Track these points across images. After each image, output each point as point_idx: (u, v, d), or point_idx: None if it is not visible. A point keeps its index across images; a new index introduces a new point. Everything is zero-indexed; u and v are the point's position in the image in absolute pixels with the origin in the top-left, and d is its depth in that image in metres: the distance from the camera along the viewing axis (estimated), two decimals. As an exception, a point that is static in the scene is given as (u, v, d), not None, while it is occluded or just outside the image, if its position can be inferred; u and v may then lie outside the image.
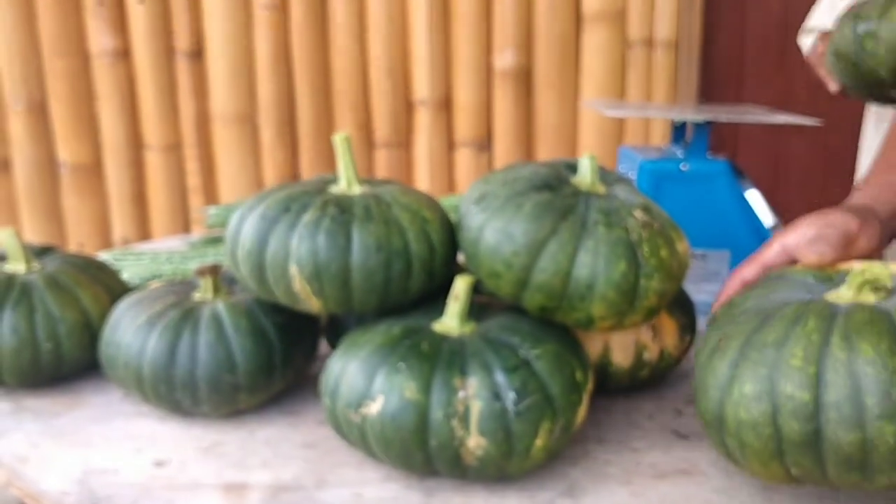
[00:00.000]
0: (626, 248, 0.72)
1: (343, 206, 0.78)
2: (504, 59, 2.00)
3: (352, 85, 2.04)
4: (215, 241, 1.41)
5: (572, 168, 0.82)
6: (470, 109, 2.04)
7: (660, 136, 2.01)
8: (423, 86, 2.03)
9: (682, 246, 0.78)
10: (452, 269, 0.83)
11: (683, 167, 1.08)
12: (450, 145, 2.08)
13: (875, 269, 0.65)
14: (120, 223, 2.13)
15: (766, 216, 1.09)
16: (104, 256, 1.18)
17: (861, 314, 0.62)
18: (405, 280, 0.78)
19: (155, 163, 2.11)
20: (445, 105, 2.05)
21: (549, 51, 1.98)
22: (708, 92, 2.10)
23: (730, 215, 1.09)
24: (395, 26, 2.01)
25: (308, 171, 2.10)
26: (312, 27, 2.02)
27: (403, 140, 2.09)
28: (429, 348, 0.71)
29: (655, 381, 0.91)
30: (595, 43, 1.98)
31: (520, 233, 0.72)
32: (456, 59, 2.02)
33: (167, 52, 2.05)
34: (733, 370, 0.64)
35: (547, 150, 2.04)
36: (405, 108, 2.07)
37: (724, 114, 1.06)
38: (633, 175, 1.12)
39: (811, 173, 2.18)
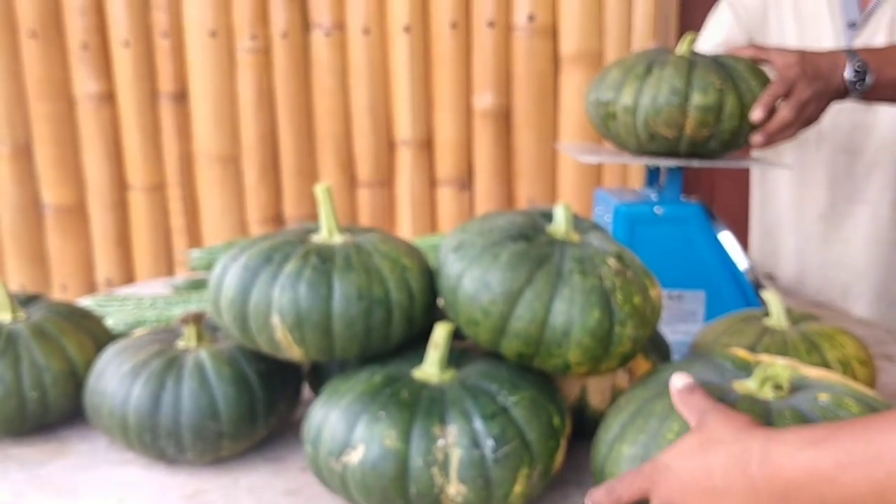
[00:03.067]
0: (600, 296, 0.74)
1: (324, 256, 0.79)
2: (483, 99, 2.03)
3: (334, 126, 2.07)
4: (199, 284, 1.43)
5: (547, 217, 0.84)
6: (451, 149, 2.07)
7: (637, 177, 2.04)
8: (404, 126, 2.06)
9: (655, 292, 0.80)
10: (432, 315, 0.85)
11: (657, 211, 1.11)
12: (431, 184, 2.11)
13: (777, 368, 0.67)
14: (104, 265, 2.14)
15: (738, 257, 1.12)
16: (88, 302, 1.19)
17: (745, 407, 0.65)
18: (386, 328, 0.79)
19: (139, 204, 2.12)
20: (427, 145, 2.08)
21: (527, 92, 2.02)
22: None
23: (704, 257, 1.11)
24: (376, 68, 2.04)
25: (291, 211, 2.12)
26: (296, 70, 2.05)
27: (385, 179, 2.11)
28: (409, 396, 0.73)
29: (633, 422, 0.92)
30: (573, 84, 2.01)
31: (497, 282, 0.74)
32: (437, 100, 2.05)
33: (151, 94, 2.07)
34: (621, 430, 0.69)
35: (526, 189, 2.07)
36: (387, 147, 2.10)
37: (695, 161, 1.09)
38: (609, 218, 1.15)
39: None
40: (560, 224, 0.81)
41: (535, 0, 1.98)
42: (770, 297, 0.94)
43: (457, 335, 0.78)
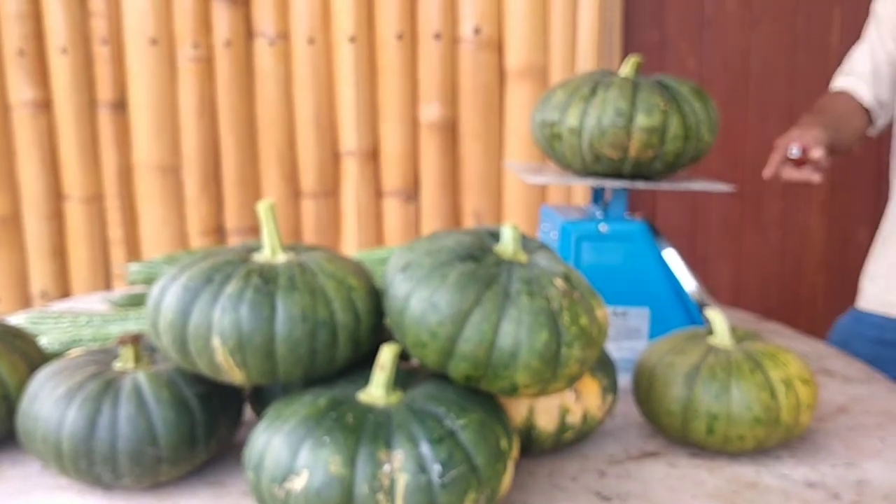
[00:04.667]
0: (547, 318, 0.74)
1: (267, 276, 0.78)
2: (430, 111, 2.03)
3: (278, 136, 2.04)
4: (137, 299, 1.39)
5: (495, 236, 0.84)
6: (397, 160, 2.06)
7: (581, 194, 2.05)
8: (349, 136, 2.05)
9: (602, 312, 0.80)
10: (379, 336, 0.84)
11: (603, 228, 1.11)
12: (377, 195, 2.09)
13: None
14: (38, 277, 2.08)
15: (683, 275, 1.13)
16: (21, 319, 1.15)
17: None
18: (331, 350, 0.78)
19: (75, 214, 2.07)
20: (373, 156, 2.07)
21: (473, 104, 2.02)
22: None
23: (648, 274, 1.12)
24: (321, 78, 2.02)
25: (233, 222, 2.08)
26: (239, 79, 2.02)
27: (330, 190, 2.09)
28: (353, 420, 0.71)
29: (579, 442, 0.92)
30: (518, 97, 2.02)
31: (444, 303, 0.73)
32: (383, 111, 2.04)
33: (90, 102, 2.03)
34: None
35: (473, 201, 2.07)
36: (332, 158, 2.08)
37: (640, 183, 1.10)
38: (555, 234, 1.15)
39: (728, 219, 2.25)
40: (508, 244, 0.80)
41: (480, 13, 1.98)
42: (713, 315, 0.95)
43: (403, 356, 0.77)
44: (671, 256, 1.13)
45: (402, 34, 2.00)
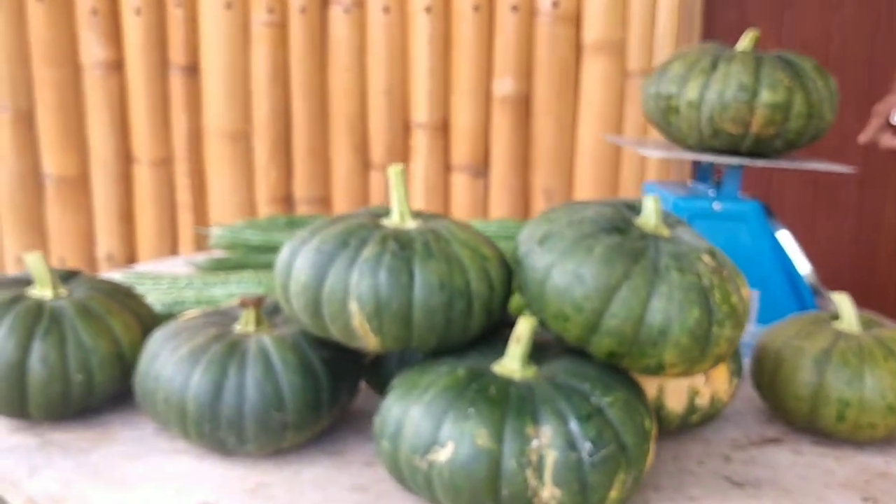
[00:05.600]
0: (699, 295, 0.71)
1: (403, 242, 0.75)
2: (503, 85, 1.99)
3: (349, 106, 2.02)
4: (222, 263, 1.38)
5: (633, 209, 0.81)
6: (467, 134, 2.03)
7: (655, 170, 2.01)
8: (421, 109, 2.02)
9: (746, 292, 0.77)
10: (506, 309, 0.81)
11: (716, 206, 1.08)
12: (446, 169, 2.06)
13: None
14: (105, 239, 2.07)
15: (798, 258, 1.10)
16: (119, 278, 1.14)
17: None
18: (466, 319, 0.76)
19: (144, 178, 2.06)
20: (443, 129, 2.04)
21: (548, 79, 1.98)
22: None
23: (760, 255, 1.09)
24: (395, 48, 1.99)
25: (302, 191, 2.07)
26: (311, 46, 1.99)
27: (400, 161, 2.07)
28: (496, 393, 0.69)
29: (702, 425, 0.90)
30: (594, 73, 1.98)
31: (591, 276, 0.71)
32: (455, 84, 2.01)
33: (162, 65, 2.01)
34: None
35: (543, 178, 2.03)
36: (402, 130, 2.05)
37: (759, 161, 1.06)
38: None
39: (801, 205, 2.21)
40: (650, 217, 0.78)
41: (560, -14, 1.94)
42: (841, 299, 0.92)
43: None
44: (786, 238, 1.10)
45: (479, 6, 1.96)
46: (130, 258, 2.10)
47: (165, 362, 0.80)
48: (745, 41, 1.08)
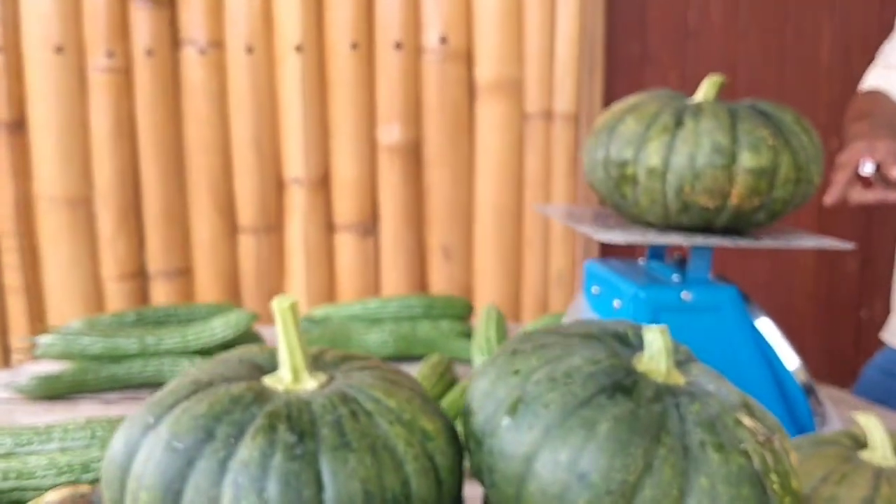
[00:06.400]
0: (753, 486, 0.48)
1: (301, 425, 0.49)
2: (390, 132, 1.75)
3: (211, 161, 1.73)
4: (52, 383, 1.08)
5: (624, 342, 0.57)
6: (352, 189, 1.77)
7: (560, 228, 1.81)
8: (296, 162, 1.75)
9: (795, 457, 0.55)
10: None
11: (685, 296, 0.86)
12: (329, 230, 1.80)
13: None
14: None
15: (783, 349, 0.89)
16: None
17: None
18: (404, 540, 0.50)
19: (-39, 257, 1.70)
20: (323, 184, 1.77)
21: (440, 124, 1.75)
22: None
23: (740, 352, 0.88)
24: (262, 93, 1.72)
25: (157, 264, 1.75)
26: (162, 94, 1.70)
27: (274, 224, 1.79)
28: None
29: None
30: (490, 116, 1.76)
31: (598, 472, 0.47)
32: (335, 132, 1.75)
33: (-22, 122, 1.67)
34: None
35: (440, 234, 1.80)
36: (275, 187, 1.78)
37: (742, 241, 0.85)
38: (618, 302, 0.89)
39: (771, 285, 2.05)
40: (658, 361, 0.54)
41: (447, 20, 1.72)
42: (869, 423, 0.71)
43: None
44: (767, 328, 0.89)
45: (357, 43, 1.72)
46: (-52, 356, 1.73)
47: None
48: (707, 88, 0.87)
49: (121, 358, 1.15)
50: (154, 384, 1.17)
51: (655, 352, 0.54)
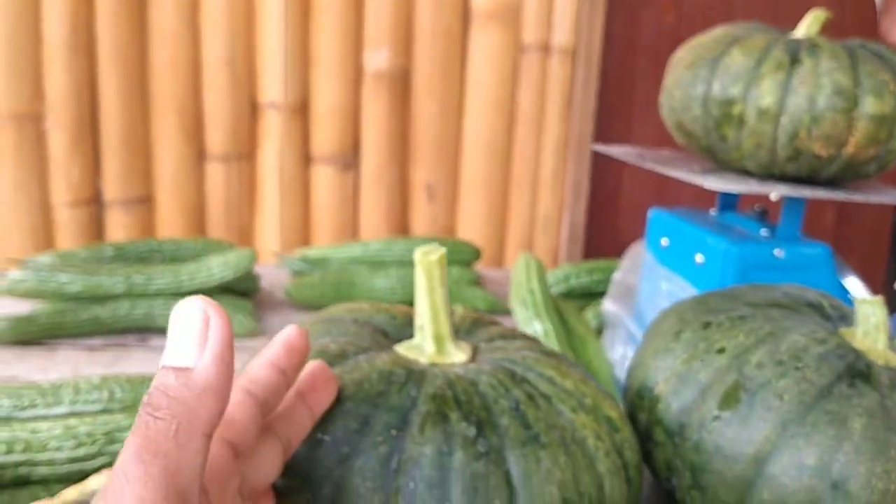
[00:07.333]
0: None
1: (474, 412, 0.39)
2: (377, 58, 1.61)
3: (178, 81, 1.56)
4: (27, 325, 0.95)
5: (816, 310, 0.48)
6: (332, 117, 1.63)
7: (551, 168, 1.71)
8: (273, 85, 1.59)
9: None
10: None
11: (778, 253, 0.78)
12: (306, 161, 1.66)
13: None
14: None
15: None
16: None
17: None
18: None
19: None
20: (302, 111, 1.63)
21: (431, 52, 1.62)
22: (601, 106, 1.84)
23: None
24: (237, 9, 1.55)
25: (115, 192, 1.59)
26: (125, 4, 1.51)
27: (246, 152, 1.64)
28: None
29: None
30: (485, 46, 1.64)
31: (856, 478, 0.38)
32: (317, 55, 1.60)
33: (-90, 22, 1.46)
34: None
35: (424, 172, 1.68)
36: (249, 112, 1.62)
37: (857, 195, 0.77)
38: (701, 257, 0.80)
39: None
40: (875, 339, 0.45)
41: (443, -62, 1.58)
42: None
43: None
44: (855, 287, 0.82)
45: (345, -42, 1.57)
46: None
47: None
48: (810, 23, 0.78)
49: (104, 298, 1.01)
50: (142, 328, 1.03)
51: (872, 327, 0.45)
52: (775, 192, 0.73)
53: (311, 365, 0.39)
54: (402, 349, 0.44)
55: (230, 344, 0.30)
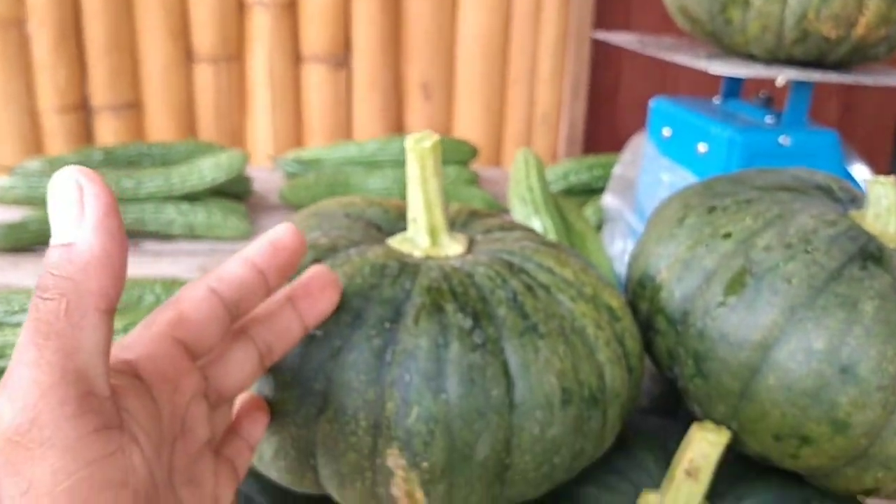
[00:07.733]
0: None
1: (470, 303, 0.37)
2: (367, -50, 1.55)
3: (161, -22, 1.50)
4: (18, 232, 0.93)
5: (825, 193, 0.46)
6: (323, 14, 1.57)
7: (549, 63, 1.66)
8: (259, -18, 1.54)
9: None
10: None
11: (784, 140, 0.76)
12: (296, 60, 1.61)
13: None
14: None
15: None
16: None
17: None
18: (596, 444, 0.39)
19: None
20: (290, 7, 1.57)
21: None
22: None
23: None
24: None
25: (102, 97, 1.54)
26: None
27: (234, 52, 1.59)
28: None
29: None
30: (478, -66, 1.58)
31: (866, 362, 0.37)
32: (303, -52, 1.54)
33: None
34: None
35: (419, 70, 1.64)
36: (236, 10, 1.57)
37: (866, 77, 0.74)
38: (705, 147, 0.78)
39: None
40: (886, 222, 0.43)
41: None
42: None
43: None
44: (863, 174, 0.80)
45: None
46: None
47: None
48: None
49: (94, 203, 0.99)
50: (134, 233, 1.02)
51: (884, 210, 0.43)
52: (782, 75, 0.70)
53: (312, 269, 0.37)
54: (395, 242, 0.42)
55: (111, 210, 0.27)
